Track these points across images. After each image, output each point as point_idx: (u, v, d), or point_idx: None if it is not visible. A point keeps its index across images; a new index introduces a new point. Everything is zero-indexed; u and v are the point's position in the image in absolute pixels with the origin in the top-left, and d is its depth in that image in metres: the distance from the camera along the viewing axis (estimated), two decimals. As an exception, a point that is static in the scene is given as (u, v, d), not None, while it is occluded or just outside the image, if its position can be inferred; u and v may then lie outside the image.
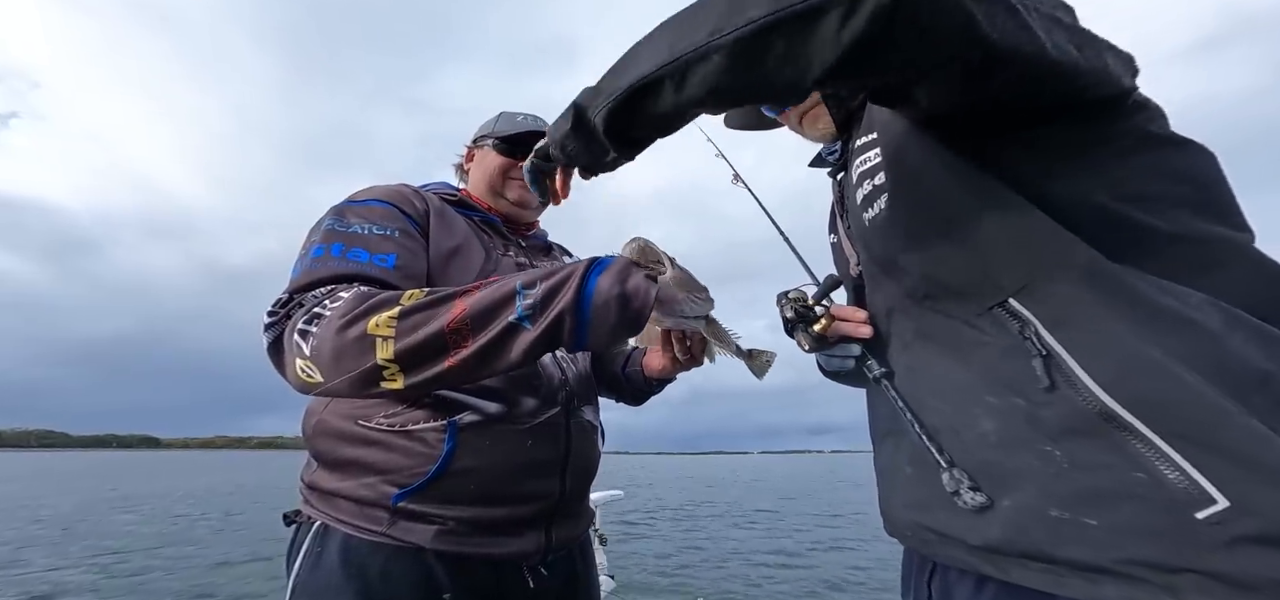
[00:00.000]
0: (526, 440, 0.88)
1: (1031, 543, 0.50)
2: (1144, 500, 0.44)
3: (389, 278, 0.82)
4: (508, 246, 1.07)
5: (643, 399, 1.23)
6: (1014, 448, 0.53)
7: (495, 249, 1.02)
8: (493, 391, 0.87)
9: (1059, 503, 0.48)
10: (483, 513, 0.84)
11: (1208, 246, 0.52)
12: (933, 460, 0.59)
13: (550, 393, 0.93)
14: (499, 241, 1.06)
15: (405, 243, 0.87)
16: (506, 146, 1.08)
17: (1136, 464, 0.45)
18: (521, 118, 1.13)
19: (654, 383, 1.18)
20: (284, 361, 0.76)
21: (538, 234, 1.18)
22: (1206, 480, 0.42)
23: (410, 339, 0.68)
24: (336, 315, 0.71)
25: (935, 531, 0.60)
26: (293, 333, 0.74)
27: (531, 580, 0.90)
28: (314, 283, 0.79)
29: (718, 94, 0.51)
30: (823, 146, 0.87)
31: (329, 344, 0.70)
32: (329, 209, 0.90)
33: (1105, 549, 0.45)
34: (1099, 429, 0.47)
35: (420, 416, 0.83)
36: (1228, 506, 0.41)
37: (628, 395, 1.23)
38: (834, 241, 0.90)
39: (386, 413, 0.84)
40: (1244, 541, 0.40)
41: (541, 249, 1.18)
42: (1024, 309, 0.53)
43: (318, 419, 0.89)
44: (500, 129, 1.11)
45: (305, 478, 0.90)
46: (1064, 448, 0.49)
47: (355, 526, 0.82)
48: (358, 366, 0.69)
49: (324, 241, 0.83)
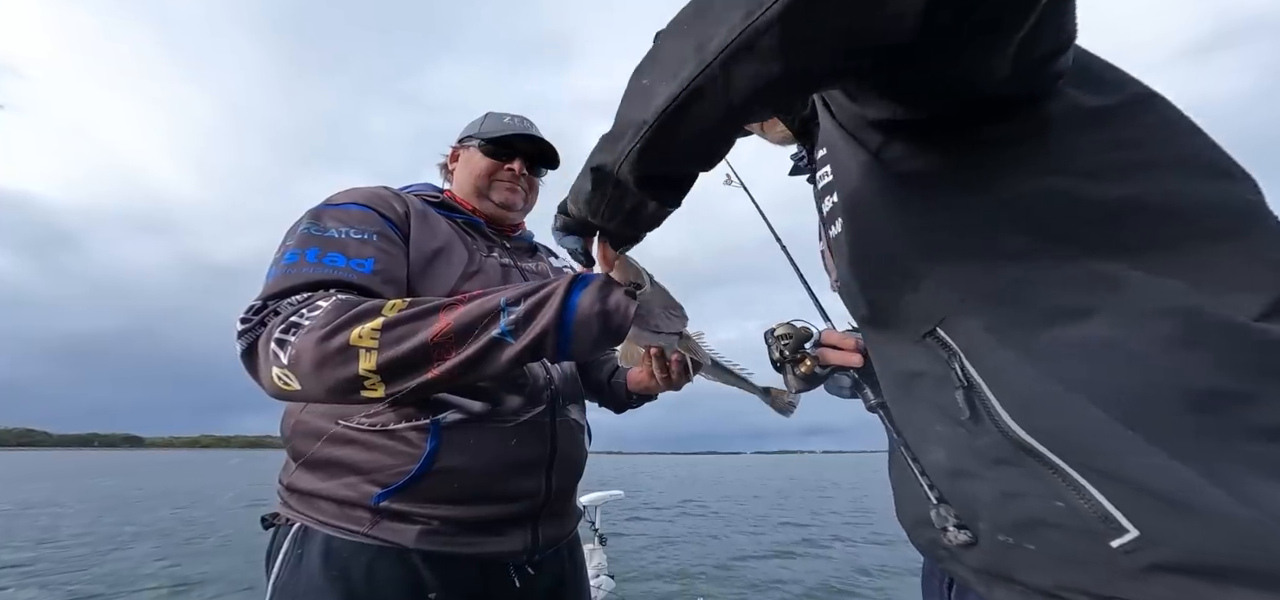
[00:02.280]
0: (511, 439, 0.87)
1: (1001, 566, 0.50)
2: (1067, 528, 0.44)
3: (366, 283, 0.81)
4: (492, 247, 1.06)
5: (623, 409, 1.25)
6: (963, 476, 0.52)
7: (479, 250, 1.01)
8: (477, 390, 0.86)
9: (1004, 529, 0.48)
10: (467, 512, 0.83)
11: (1202, 213, 0.46)
12: (922, 489, 0.58)
13: (535, 391, 0.93)
14: (483, 242, 1.05)
15: (383, 246, 0.86)
16: (492, 148, 1.08)
17: (1056, 493, 0.44)
18: (508, 119, 1.12)
19: (634, 397, 1.20)
20: (258, 368, 0.75)
21: (523, 235, 1.18)
22: (1117, 510, 0.41)
23: (394, 351, 0.68)
24: (317, 325, 0.70)
25: (941, 546, 0.60)
26: (268, 340, 0.72)
27: (518, 579, 0.89)
28: (288, 290, 0.77)
29: (776, 87, 0.41)
30: (792, 152, 0.83)
31: (309, 354, 0.69)
32: (305, 212, 0.88)
33: (1047, 573, 0.46)
34: (1020, 458, 0.46)
35: (402, 416, 0.82)
36: (1138, 535, 0.40)
37: (610, 402, 1.25)
38: (822, 250, 0.87)
39: (368, 412, 0.83)
40: (1158, 570, 0.40)
41: (527, 250, 1.17)
42: (949, 339, 0.51)
43: (296, 419, 0.87)
44: (486, 130, 1.10)
45: (284, 479, 0.88)
46: (998, 475, 0.48)
47: (336, 527, 0.80)
48: (338, 377, 0.69)
49: (299, 246, 0.82)
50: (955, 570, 0.59)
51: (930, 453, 0.56)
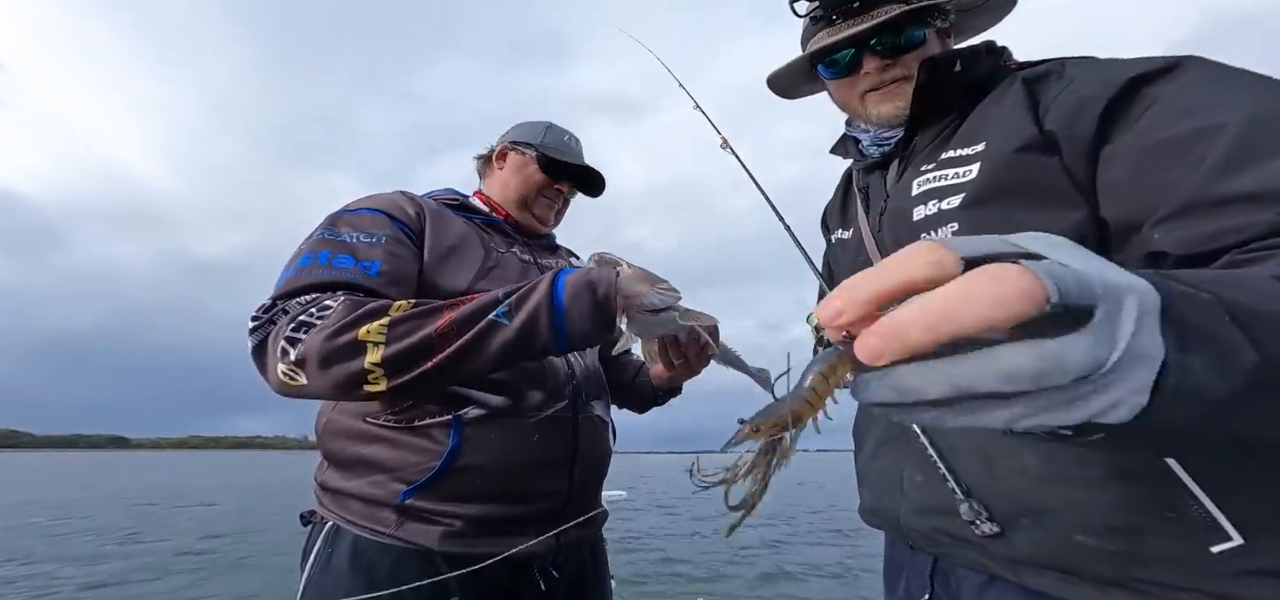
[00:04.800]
0: (533, 435, 0.88)
1: (1051, 558, 0.53)
2: (1168, 536, 0.48)
3: (372, 284, 0.83)
4: (511, 243, 1.07)
5: (648, 407, 1.26)
6: (1053, 482, 0.54)
7: (496, 247, 1.02)
8: (498, 385, 0.87)
9: (1088, 531, 0.51)
10: (491, 510, 0.85)
11: None
12: (948, 485, 0.60)
13: (557, 386, 0.94)
14: (501, 239, 1.06)
15: (392, 249, 0.89)
16: (554, 168, 1.09)
17: (1170, 506, 0.48)
18: (568, 137, 1.14)
19: (660, 393, 1.21)
20: (267, 365, 0.77)
21: (546, 234, 1.19)
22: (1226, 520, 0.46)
23: (399, 345, 0.72)
24: (327, 323, 0.73)
25: (951, 536, 0.61)
26: (278, 339, 0.75)
27: (543, 582, 0.91)
28: (298, 290, 0.80)
29: None
30: (865, 132, 0.80)
31: (317, 350, 0.72)
32: (324, 218, 0.92)
33: (1125, 568, 0.50)
34: (1147, 473, 0.49)
35: (426, 411, 0.84)
36: (1241, 543, 0.46)
37: (634, 403, 1.26)
38: (844, 238, 0.84)
39: (393, 409, 0.85)
40: (1248, 574, 0.46)
41: (548, 249, 1.18)
42: None
43: (327, 418, 0.90)
44: (548, 144, 1.11)
45: (318, 478, 0.92)
46: (1110, 486, 0.51)
47: (364, 528, 0.83)
48: (345, 371, 0.72)
49: (313, 250, 0.85)
50: (965, 557, 0.60)
51: (1016, 458, 0.56)
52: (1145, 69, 0.54)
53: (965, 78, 0.70)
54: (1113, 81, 0.54)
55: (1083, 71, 0.59)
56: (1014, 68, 0.69)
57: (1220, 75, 0.51)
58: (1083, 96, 0.56)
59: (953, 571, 0.63)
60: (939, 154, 0.67)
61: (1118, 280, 0.26)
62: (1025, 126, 0.59)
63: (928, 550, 0.66)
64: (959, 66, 0.69)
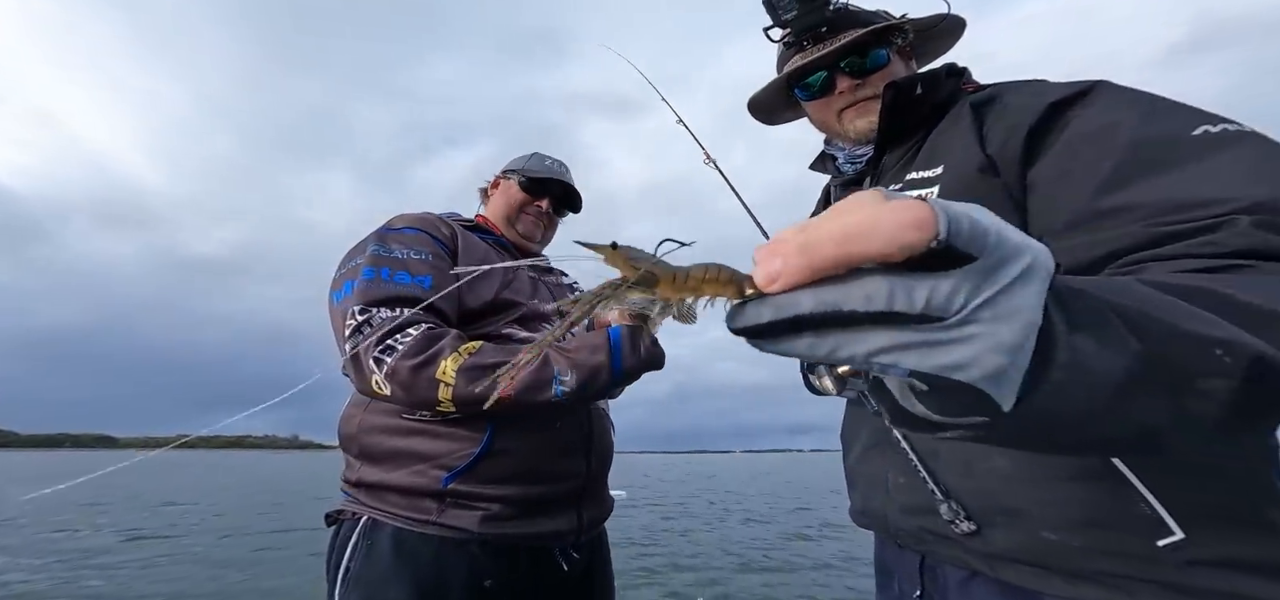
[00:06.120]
0: (555, 421, 1.01)
1: (1024, 554, 0.57)
2: (1123, 531, 0.53)
3: (427, 296, 0.96)
4: (516, 261, 1.17)
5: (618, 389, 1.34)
6: (1023, 483, 0.58)
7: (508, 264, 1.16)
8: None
9: (1053, 528, 0.56)
10: (524, 491, 0.96)
11: None
12: (928, 486, 0.63)
13: None
14: (508, 257, 1.21)
15: (437, 265, 1.02)
16: (532, 186, 1.23)
17: (1122, 504, 0.52)
18: (550, 161, 1.27)
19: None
20: (363, 374, 0.90)
21: (541, 257, 1.32)
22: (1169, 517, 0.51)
23: (466, 391, 0.88)
24: (409, 352, 0.88)
25: (934, 534, 0.65)
26: (368, 355, 0.88)
27: (564, 563, 1.02)
28: (376, 300, 0.93)
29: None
30: (841, 150, 0.85)
31: (405, 377, 0.87)
32: (371, 235, 1.04)
33: (1090, 562, 0.54)
34: (1102, 474, 0.53)
35: None
36: (1182, 537, 0.50)
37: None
38: None
39: None
40: (1194, 564, 0.50)
41: (545, 268, 1.31)
42: None
43: (360, 419, 1.00)
44: (529, 168, 1.24)
45: (349, 477, 1.00)
46: (1070, 487, 0.55)
47: (405, 518, 0.92)
48: (424, 397, 0.88)
49: (373, 265, 0.97)
50: (949, 554, 0.64)
51: (989, 460, 0.60)
52: (1063, 94, 0.59)
53: (928, 99, 0.75)
54: (1035, 108, 0.59)
55: (1012, 97, 0.65)
56: (971, 90, 0.74)
57: (1123, 100, 0.56)
58: (1010, 124, 0.62)
59: (938, 568, 0.67)
60: (904, 174, 0.72)
61: (1016, 240, 0.25)
62: (974, 151, 0.64)
63: (915, 548, 0.70)
64: (920, 89, 0.74)
